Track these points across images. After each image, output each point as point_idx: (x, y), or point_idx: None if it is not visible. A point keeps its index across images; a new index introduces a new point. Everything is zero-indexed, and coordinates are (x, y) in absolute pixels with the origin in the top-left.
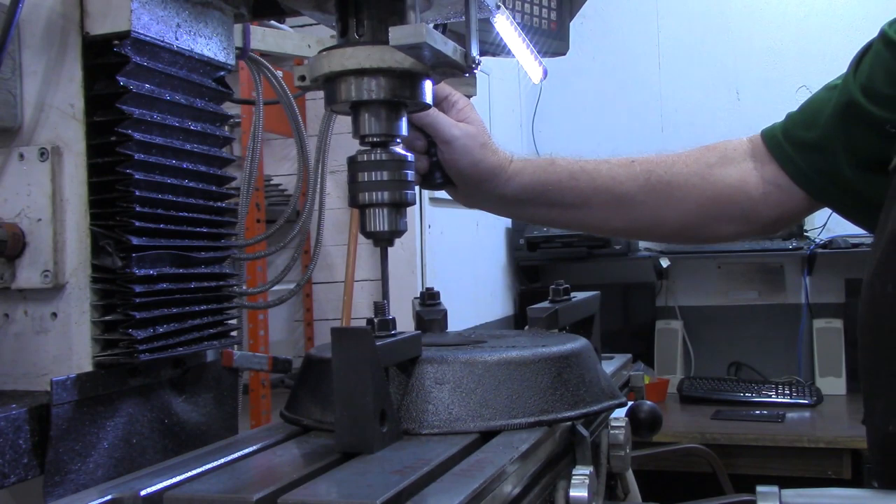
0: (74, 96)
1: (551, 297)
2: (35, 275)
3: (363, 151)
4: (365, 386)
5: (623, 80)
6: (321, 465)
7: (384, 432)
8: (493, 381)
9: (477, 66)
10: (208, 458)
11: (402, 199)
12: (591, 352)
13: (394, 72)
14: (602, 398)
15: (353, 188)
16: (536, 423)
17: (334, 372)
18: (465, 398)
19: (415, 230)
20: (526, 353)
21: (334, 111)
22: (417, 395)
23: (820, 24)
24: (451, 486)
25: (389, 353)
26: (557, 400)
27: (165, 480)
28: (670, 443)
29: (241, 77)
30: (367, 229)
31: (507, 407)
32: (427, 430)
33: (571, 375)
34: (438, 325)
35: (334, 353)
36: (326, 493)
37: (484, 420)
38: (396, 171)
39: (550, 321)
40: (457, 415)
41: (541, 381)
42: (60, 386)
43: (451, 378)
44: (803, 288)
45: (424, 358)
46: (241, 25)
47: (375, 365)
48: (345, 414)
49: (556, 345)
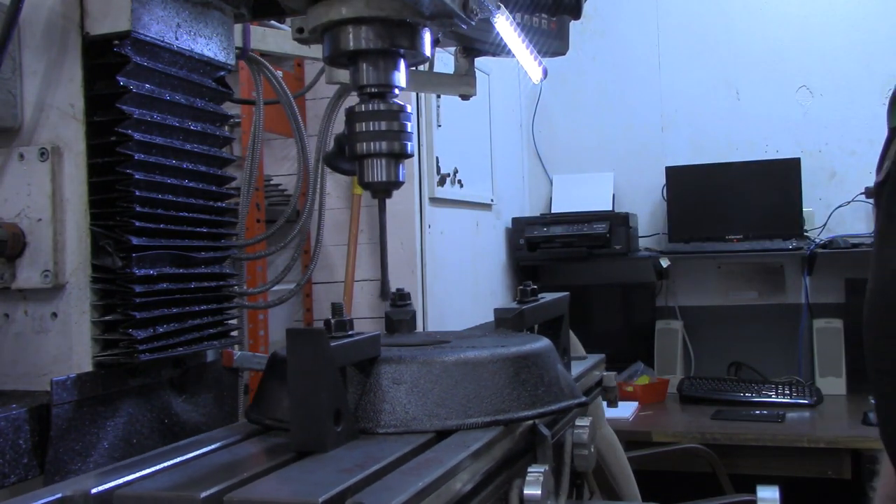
0: (74, 96)
1: (519, 298)
2: (35, 275)
3: (362, 102)
4: (319, 386)
5: (623, 80)
6: (274, 464)
7: (339, 431)
8: (450, 381)
9: (476, 17)
10: (164, 457)
11: (400, 149)
12: (552, 352)
13: (392, 21)
14: (561, 398)
15: (351, 139)
16: (492, 422)
17: (289, 372)
18: (421, 398)
19: (415, 230)
20: (483, 354)
21: (333, 65)
22: (375, 395)
23: (820, 24)
24: (395, 484)
25: (345, 353)
26: (514, 400)
27: (117, 479)
28: (670, 443)
29: (241, 77)
30: (365, 179)
31: (463, 407)
32: (383, 430)
33: (530, 375)
34: (407, 325)
35: (289, 354)
36: (271, 490)
37: (440, 420)
38: (394, 121)
39: (516, 322)
40: (413, 414)
41: (498, 381)
42: (60, 386)
43: (408, 378)
44: (803, 288)
45: (383, 358)
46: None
47: (330, 365)
48: (299, 413)
49: (515, 345)
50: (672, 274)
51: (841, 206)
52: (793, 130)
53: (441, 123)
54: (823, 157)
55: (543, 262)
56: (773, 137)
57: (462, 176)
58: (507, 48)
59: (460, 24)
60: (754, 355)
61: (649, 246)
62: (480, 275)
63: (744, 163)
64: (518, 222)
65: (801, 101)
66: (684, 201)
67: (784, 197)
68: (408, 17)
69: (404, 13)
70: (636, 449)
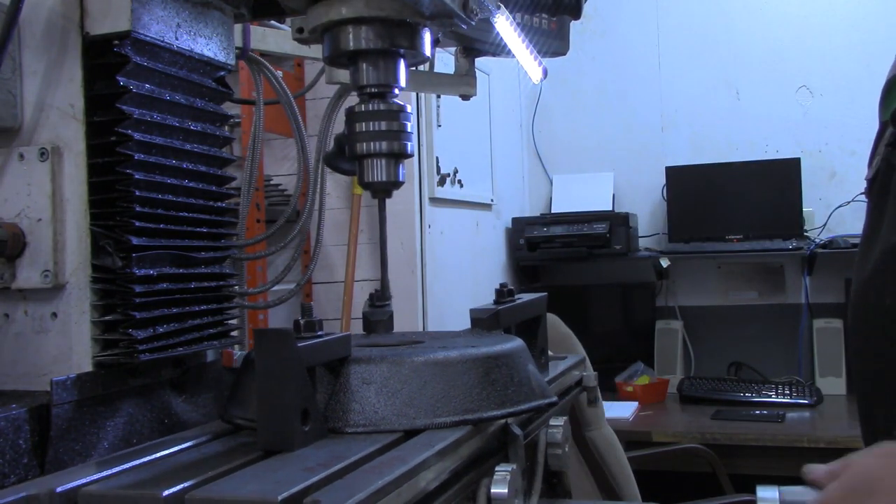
0: (74, 96)
1: (495, 299)
2: (35, 275)
3: (362, 102)
4: (286, 385)
5: (623, 80)
6: (240, 463)
7: (306, 431)
8: (419, 381)
9: (476, 17)
10: (132, 457)
11: (400, 149)
12: (524, 352)
13: (392, 21)
14: (532, 398)
15: (351, 139)
16: (461, 422)
17: (257, 372)
18: (390, 398)
19: (415, 230)
20: (452, 354)
21: (333, 65)
22: (344, 395)
23: (820, 24)
24: (355, 483)
25: (313, 353)
26: (483, 400)
27: (83, 478)
28: (670, 443)
29: (241, 77)
30: (365, 179)
31: (432, 406)
32: (352, 429)
33: (500, 375)
34: (384, 325)
35: (257, 354)
36: (233, 488)
37: (409, 419)
38: (394, 121)
39: (492, 322)
40: (382, 414)
41: (467, 381)
42: (60, 386)
43: (377, 378)
44: (803, 288)
45: (353, 358)
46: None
47: (298, 365)
48: (266, 413)
49: (485, 346)
50: (672, 274)
51: (841, 206)
52: (793, 130)
53: (441, 123)
54: (823, 157)
55: (543, 262)
56: (773, 137)
57: (462, 176)
58: (507, 48)
59: (460, 24)
60: (754, 355)
61: (649, 246)
62: (480, 275)
63: (744, 163)
64: (518, 222)
65: (801, 101)
66: (684, 201)
67: (784, 197)
68: (408, 17)
69: (404, 13)
70: (636, 449)
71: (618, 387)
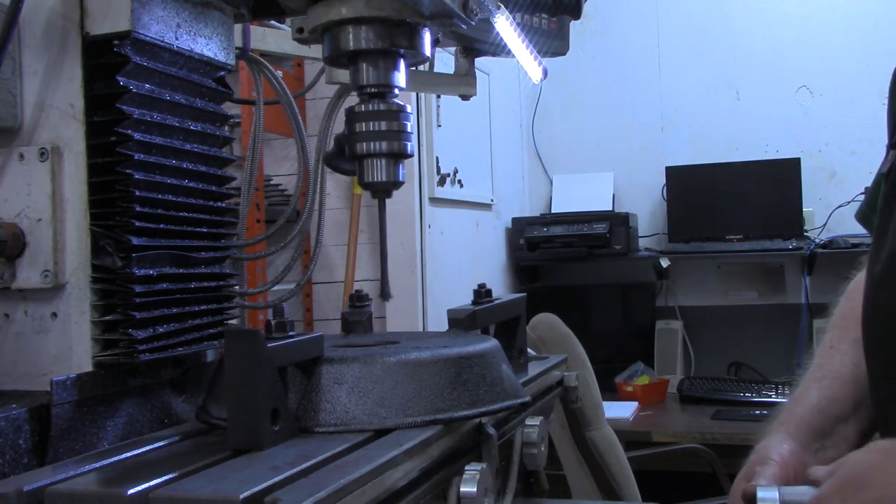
0: (74, 96)
1: (473, 300)
2: (35, 275)
3: (361, 102)
4: (255, 386)
5: (623, 80)
6: (208, 462)
7: (276, 430)
8: (391, 381)
9: (476, 17)
10: (103, 456)
11: (400, 149)
12: (498, 353)
13: (392, 21)
14: (504, 398)
15: (351, 139)
16: (431, 421)
17: (226, 373)
18: (361, 398)
19: (415, 230)
20: (424, 355)
21: (333, 65)
22: (316, 395)
23: (820, 24)
24: (318, 481)
25: (283, 353)
26: (455, 399)
27: (51, 477)
28: (670, 443)
29: (241, 77)
30: (365, 179)
31: (402, 406)
32: (323, 429)
33: (471, 375)
34: (362, 326)
35: (226, 355)
36: (197, 487)
37: (379, 419)
38: (394, 121)
39: (469, 322)
40: (353, 414)
41: (438, 381)
42: (60, 386)
43: (349, 378)
44: (803, 288)
45: (325, 358)
46: (241, 25)
47: (267, 365)
48: (236, 412)
49: (458, 346)
50: (672, 274)
51: (841, 206)
52: (793, 130)
53: (441, 123)
54: (823, 157)
55: (543, 262)
56: (773, 137)
57: (462, 176)
58: (507, 48)
59: (460, 24)
60: (754, 355)
61: (649, 246)
62: (480, 275)
63: (744, 163)
64: (518, 222)
65: (801, 101)
66: (684, 201)
67: (784, 197)
68: (408, 17)
69: (404, 13)
70: (636, 449)
71: (618, 387)
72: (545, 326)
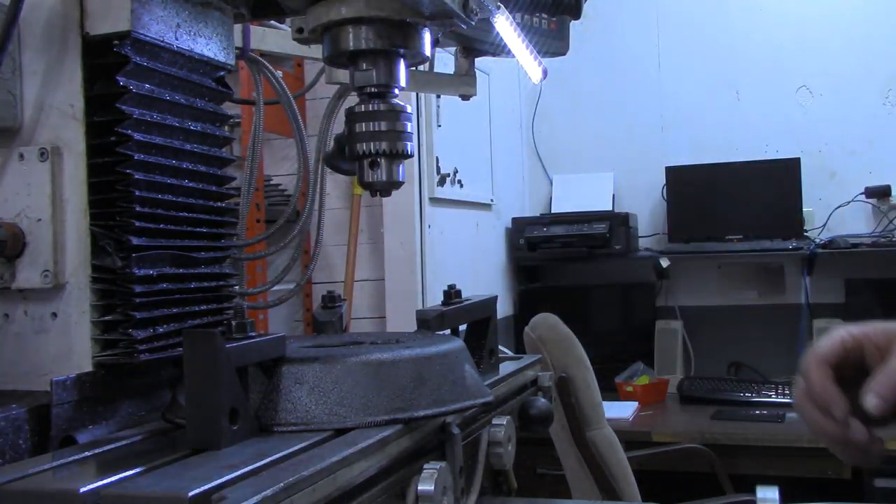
0: (74, 96)
1: (443, 300)
2: (35, 275)
3: (361, 102)
4: (213, 385)
5: (623, 80)
6: (165, 461)
7: (235, 430)
8: (351, 381)
9: (476, 17)
10: (61, 456)
11: (400, 149)
12: (461, 353)
13: (392, 21)
14: (466, 397)
15: (351, 139)
16: (391, 420)
17: (185, 372)
18: (322, 397)
19: (415, 230)
20: (385, 355)
21: (333, 65)
22: (276, 395)
23: (820, 24)
24: (268, 479)
25: (242, 354)
26: (416, 399)
27: (5, 477)
28: (670, 443)
29: (241, 77)
30: (365, 179)
31: (363, 406)
32: (283, 428)
33: (433, 375)
34: (333, 326)
35: (185, 355)
36: (148, 485)
37: (339, 418)
38: (394, 121)
39: (437, 323)
40: (313, 413)
41: (398, 380)
42: (60, 386)
43: (309, 378)
44: (803, 288)
45: (287, 358)
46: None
47: (226, 365)
48: (194, 412)
49: (420, 346)
50: (672, 274)
51: (841, 206)
52: (793, 130)
53: (441, 123)
54: (823, 157)
55: (543, 262)
56: (773, 138)
57: (462, 176)
58: (507, 48)
59: (460, 24)
60: (754, 355)
61: (649, 246)
62: (480, 275)
63: (744, 163)
64: (518, 222)
65: (800, 101)
66: (684, 201)
67: (784, 197)
68: (408, 17)
69: (404, 13)
70: (636, 449)
71: (618, 387)
72: (545, 326)
